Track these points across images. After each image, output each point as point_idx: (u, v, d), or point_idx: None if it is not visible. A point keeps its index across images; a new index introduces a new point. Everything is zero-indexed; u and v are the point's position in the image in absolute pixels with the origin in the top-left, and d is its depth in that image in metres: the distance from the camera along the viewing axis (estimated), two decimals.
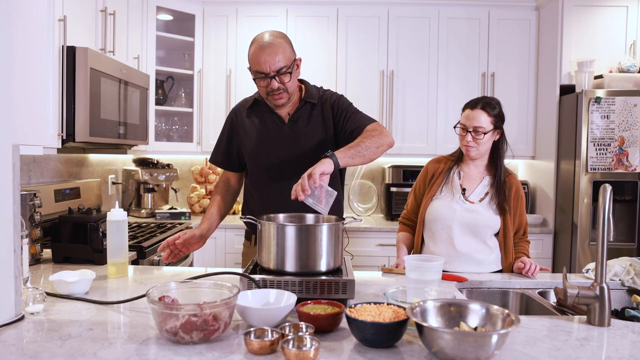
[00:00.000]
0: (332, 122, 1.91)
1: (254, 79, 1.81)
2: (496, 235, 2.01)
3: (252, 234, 2.05)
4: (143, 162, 3.59)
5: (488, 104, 1.96)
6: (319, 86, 2.01)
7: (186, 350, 1.10)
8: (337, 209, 2.00)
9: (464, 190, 2.03)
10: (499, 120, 1.98)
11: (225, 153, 2.03)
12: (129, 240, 1.92)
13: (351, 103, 1.94)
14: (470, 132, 1.96)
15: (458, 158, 2.10)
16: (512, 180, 2.03)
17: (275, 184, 1.91)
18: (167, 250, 1.89)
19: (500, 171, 2.01)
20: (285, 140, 1.89)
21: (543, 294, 1.80)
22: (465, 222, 1.97)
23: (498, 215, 1.98)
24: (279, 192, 1.89)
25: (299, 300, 1.31)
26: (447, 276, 1.83)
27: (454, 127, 2.04)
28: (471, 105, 1.99)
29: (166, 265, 2.12)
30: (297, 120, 1.90)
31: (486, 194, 2.01)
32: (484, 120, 1.95)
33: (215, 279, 1.38)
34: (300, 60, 1.84)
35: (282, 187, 1.89)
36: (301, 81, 1.97)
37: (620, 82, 3.19)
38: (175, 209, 3.58)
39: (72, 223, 1.96)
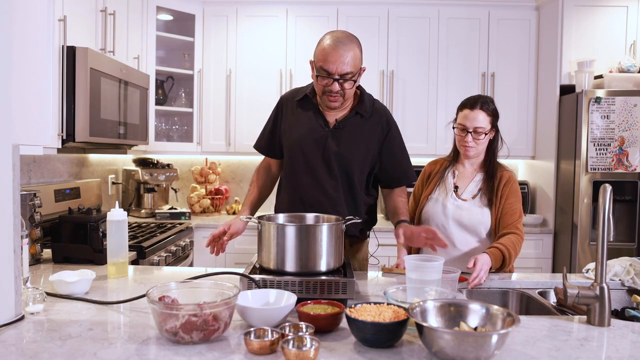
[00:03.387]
0: (377, 145, 1.89)
1: (317, 76, 1.75)
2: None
3: None
4: (143, 162, 3.59)
5: (485, 103, 1.97)
6: (374, 97, 1.96)
7: (186, 350, 1.10)
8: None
9: (456, 188, 2.03)
10: (495, 118, 1.99)
11: (269, 140, 2.01)
12: (129, 240, 1.92)
13: (402, 139, 1.97)
14: (470, 132, 1.96)
15: (453, 158, 2.10)
16: (502, 174, 2.01)
17: (305, 181, 1.89)
18: (212, 245, 1.84)
19: (492, 167, 2.02)
20: (325, 144, 1.85)
21: (543, 294, 1.80)
22: (457, 219, 1.98)
23: (489, 211, 1.97)
24: (307, 188, 1.88)
25: (299, 300, 1.31)
26: None
27: (453, 128, 2.04)
28: (470, 105, 1.98)
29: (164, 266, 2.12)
30: (343, 129, 1.86)
31: (479, 190, 2.01)
32: (483, 120, 1.95)
33: (215, 279, 1.38)
34: (365, 69, 1.80)
35: (311, 185, 1.88)
36: (357, 87, 1.89)
37: (620, 82, 3.19)
38: (175, 209, 3.58)
39: (72, 223, 1.96)
